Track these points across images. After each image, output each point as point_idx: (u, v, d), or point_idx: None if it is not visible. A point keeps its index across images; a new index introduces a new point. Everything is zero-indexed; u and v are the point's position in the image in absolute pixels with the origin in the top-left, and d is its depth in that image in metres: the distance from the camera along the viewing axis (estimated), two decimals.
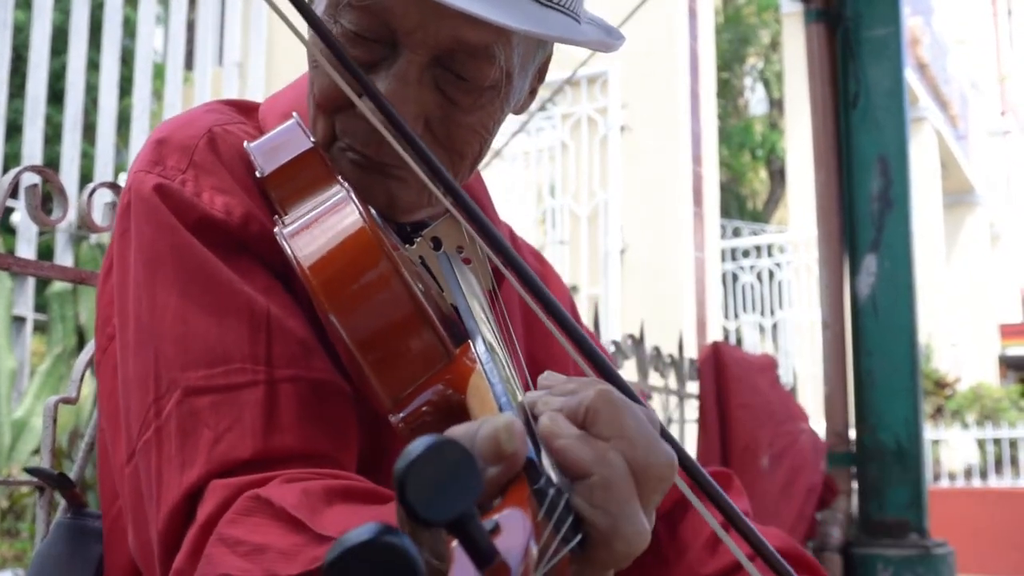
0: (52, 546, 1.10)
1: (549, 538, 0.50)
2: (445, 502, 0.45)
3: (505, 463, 0.54)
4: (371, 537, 0.41)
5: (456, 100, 0.92)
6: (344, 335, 0.75)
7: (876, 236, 3.07)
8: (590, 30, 0.97)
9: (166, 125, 0.99)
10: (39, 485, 1.32)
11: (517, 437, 0.54)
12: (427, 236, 0.94)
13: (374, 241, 0.77)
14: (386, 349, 0.76)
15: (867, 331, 3.06)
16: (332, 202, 0.83)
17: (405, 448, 0.46)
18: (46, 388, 4.04)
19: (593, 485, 0.56)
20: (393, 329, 0.76)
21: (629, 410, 0.60)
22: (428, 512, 0.45)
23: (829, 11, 3.20)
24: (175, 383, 0.85)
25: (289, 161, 0.92)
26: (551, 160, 6.67)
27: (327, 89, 0.93)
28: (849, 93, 3.12)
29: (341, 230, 0.79)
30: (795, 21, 9.02)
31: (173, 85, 5.21)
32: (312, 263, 0.77)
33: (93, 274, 1.54)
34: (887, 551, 2.94)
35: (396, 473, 0.46)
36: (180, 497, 0.81)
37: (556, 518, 0.52)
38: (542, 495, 0.52)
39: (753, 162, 16.03)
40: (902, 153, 3.09)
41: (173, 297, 0.88)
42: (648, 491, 0.59)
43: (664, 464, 0.60)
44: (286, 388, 0.85)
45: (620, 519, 0.56)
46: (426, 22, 0.87)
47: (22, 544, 3.78)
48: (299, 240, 0.80)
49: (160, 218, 0.91)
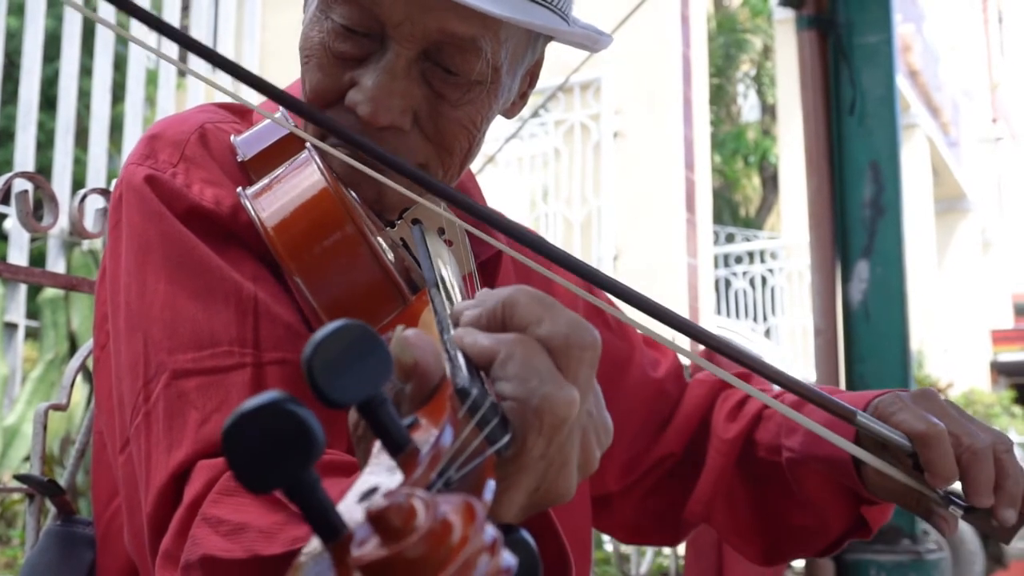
0: (42, 553, 1.10)
1: (471, 434, 0.50)
2: (353, 384, 0.45)
3: (414, 375, 0.55)
4: (267, 402, 0.40)
5: (444, 94, 0.93)
6: (300, 281, 0.77)
7: (868, 242, 3.08)
8: (578, 30, 0.98)
9: (159, 123, 1.01)
10: (29, 492, 1.32)
11: (412, 348, 0.55)
12: (407, 218, 0.95)
13: (335, 198, 0.79)
14: (345, 296, 0.77)
15: (859, 337, 3.07)
16: (295, 163, 0.85)
17: (313, 334, 0.46)
18: (38, 395, 4.03)
19: (503, 361, 0.57)
20: (351, 275, 0.78)
21: (547, 299, 0.61)
22: (335, 392, 0.45)
23: (821, 18, 3.21)
24: (163, 366, 0.86)
25: (269, 145, 0.95)
26: (544, 166, 6.68)
27: (318, 84, 0.94)
28: (844, 100, 3.13)
29: (304, 189, 0.82)
30: (787, 28, 9.04)
31: (166, 91, 5.21)
32: (273, 222, 0.80)
33: (85, 281, 1.54)
34: (880, 556, 2.94)
35: (303, 356, 0.45)
36: (167, 478, 0.81)
37: (480, 416, 0.52)
38: (464, 394, 0.53)
39: (746, 168, 16.06)
40: (894, 159, 3.10)
41: (162, 283, 0.89)
42: (572, 363, 0.59)
43: (587, 335, 0.60)
44: (273, 370, 0.86)
45: (538, 385, 0.56)
46: (413, 14, 0.88)
47: (12, 551, 3.76)
48: (262, 200, 0.82)
49: (150, 207, 0.92)
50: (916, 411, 0.93)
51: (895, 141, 3.11)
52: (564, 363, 0.58)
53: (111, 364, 0.95)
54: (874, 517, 1.12)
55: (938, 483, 0.91)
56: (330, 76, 0.92)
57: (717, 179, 14.20)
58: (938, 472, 0.91)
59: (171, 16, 5.30)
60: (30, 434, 4.34)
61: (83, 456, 1.33)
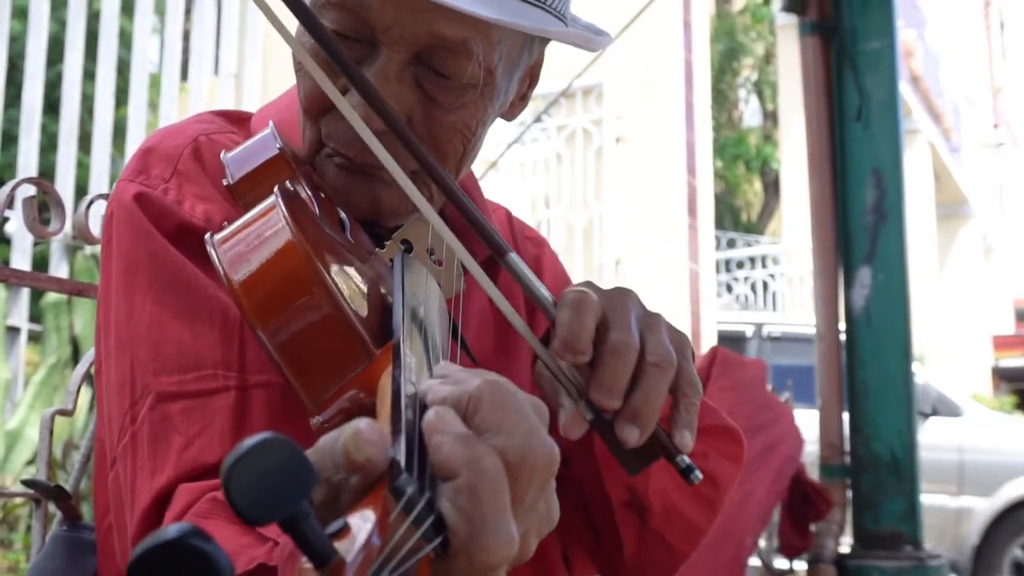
0: (48, 559, 1.10)
1: (404, 536, 0.49)
2: (274, 501, 0.45)
3: (361, 471, 0.53)
4: (172, 537, 0.41)
5: (437, 98, 0.93)
6: (263, 336, 0.75)
7: (870, 248, 3.08)
8: (574, 30, 0.97)
9: (155, 135, 1.00)
10: (35, 497, 1.32)
11: (365, 446, 0.53)
12: (396, 238, 0.92)
13: (299, 250, 0.76)
14: (306, 354, 0.75)
15: (861, 342, 3.07)
16: (262, 208, 0.81)
17: (234, 446, 0.45)
18: (40, 398, 4.03)
19: (459, 487, 0.54)
20: (314, 334, 0.75)
21: (514, 401, 0.59)
22: (253, 511, 0.44)
23: (823, 24, 3.22)
24: (148, 388, 0.86)
25: (254, 168, 0.92)
26: (546, 171, 6.68)
27: (311, 92, 0.94)
28: (849, 106, 3.13)
29: (267, 239, 0.78)
30: (789, 33, 9.05)
31: (169, 95, 5.21)
32: (236, 274, 0.77)
33: (91, 286, 1.54)
34: (881, 562, 2.94)
35: (221, 471, 0.45)
36: (150, 501, 0.82)
37: (414, 517, 0.50)
38: (399, 493, 0.51)
39: (747, 173, 16.07)
40: (896, 165, 3.10)
41: (148, 303, 0.89)
42: (523, 484, 0.57)
43: (542, 456, 0.58)
44: (257, 394, 0.85)
45: (483, 528, 0.53)
46: (402, 18, 0.88)
47: (15, 555, 3.76)
48: (226, 248, 0.79)
49: (138, 225, 0.92)
50: (586, 288, 0.81)
51: (897, 147, 3.12)
52: (514, 479, 0.56)
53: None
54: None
55: (558, 351, 0.77)
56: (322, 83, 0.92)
57: (718, 184, 14.20)
58: (559, 337, 0.77)
59: (174, 18, 5.31)
60: (32, 438, 4.32)
61: (88, 461, 1.33)
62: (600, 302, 0.79)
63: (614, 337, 0.78)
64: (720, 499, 1.01)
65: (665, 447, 0.81)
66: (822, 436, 3.20)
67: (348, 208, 0.95)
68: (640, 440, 0.77)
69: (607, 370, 0.76)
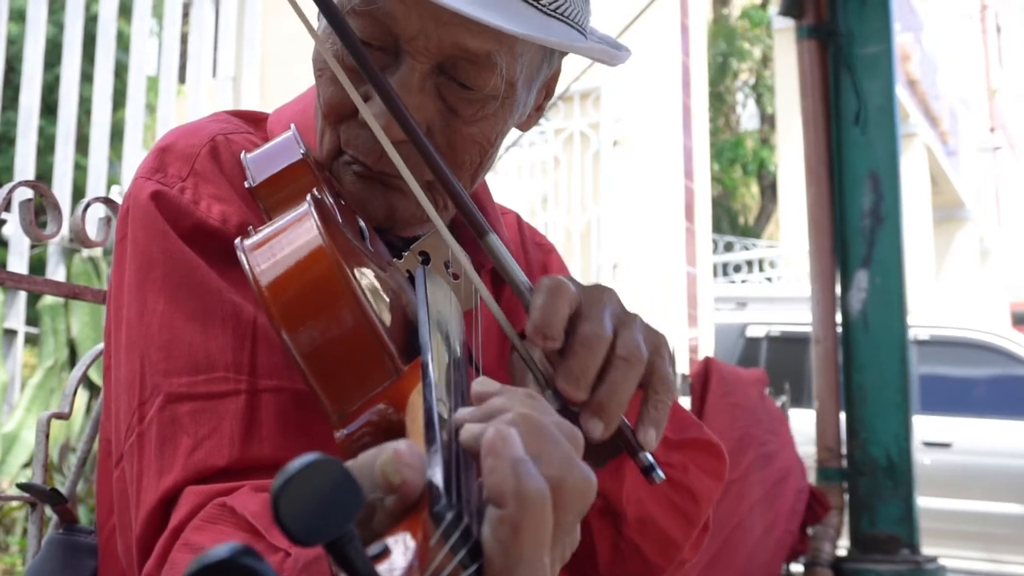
0: (45, 562, 1.10)
1: (442, 562, 0.49)
2: (321, 523, 0.45)
3: (398, 492, 0.53)
4: (227, 556, 0.41)
5: (458, 110, 0.92)
6: (288, 341, 0.74)
7: (867, 251, 3.09)
8: (597, 44, 0.97)
9: (172, 133, 0.99)
10: (31, 501, 1.32)
11: (404, 468, 0.53)
12: (415, 250, 0.93)
13: (331, 260, 0.76)
14: (333, 363, 0.75)
15: (858, 346, 3.07)
16: (294, 216, 0.81)
17: (283, 467, 0.46)
18: (37, 401, 4.03)
19: (503, 519, 0.53)
20: (342, 343, 0.75)
21: (550, 432, 0.59)
22: (301, 533, 0.45)
23: (821, 28, 3.22)
24: (158, 389, 0.85)
25: (277, 172, 0.92)
26: (544, 174, 6.68)
27: (332, 98, 0.93)
28: (847, 110, 3.13)
29: (299, 247, 0.78)
30: (787, 37, 9.07)
31: (166, 98, 5.21)
32: (266, 279, 0.76)
33: (88, 289, 1.54)
34: (878, 566, 2.95)
35: (271, 492, 0.45)
36: (156, 502, 0.82)
37: (452, 544, 0.50)
38: (439, 519, 0.51)
39: (744, 177, 16.08)
40: (893, 169, 3.11)
41: (161, 303, 0.88)
42: (560, 514, 0.56)
43: (581, 486, 0.58)
44: (267, 398, 0.85)
45: (519, 563, 0.53)
46: (427, 28, 0.87)
47: (11, 559, 3.75)
48: (257, 255, 0.79)
49: (154, 224, 0.91)
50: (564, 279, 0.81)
51: (895, 151, 3.12)
52: (557, 514, 0.56)
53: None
54: None
55: (529, 335, 0.77)
56: (344, 90, 0.91)
57: (716, 188, 14.22)
58: (531, 320, 0.77)
59: (171, 21, 5.31)
60: (29, 441, 4.31)
61: (84, 464, 1.33)
62: (577, 293, 0.80)
63: (586, 328, 0.78)
64: (699, 514, 1.00)
65: (629, 443, 0.81)
66: (819, 439, 3.21)
67: (364, 216, 0.95)
68: (604, 434, 0.77)
69: (575, 359, 0.77)
